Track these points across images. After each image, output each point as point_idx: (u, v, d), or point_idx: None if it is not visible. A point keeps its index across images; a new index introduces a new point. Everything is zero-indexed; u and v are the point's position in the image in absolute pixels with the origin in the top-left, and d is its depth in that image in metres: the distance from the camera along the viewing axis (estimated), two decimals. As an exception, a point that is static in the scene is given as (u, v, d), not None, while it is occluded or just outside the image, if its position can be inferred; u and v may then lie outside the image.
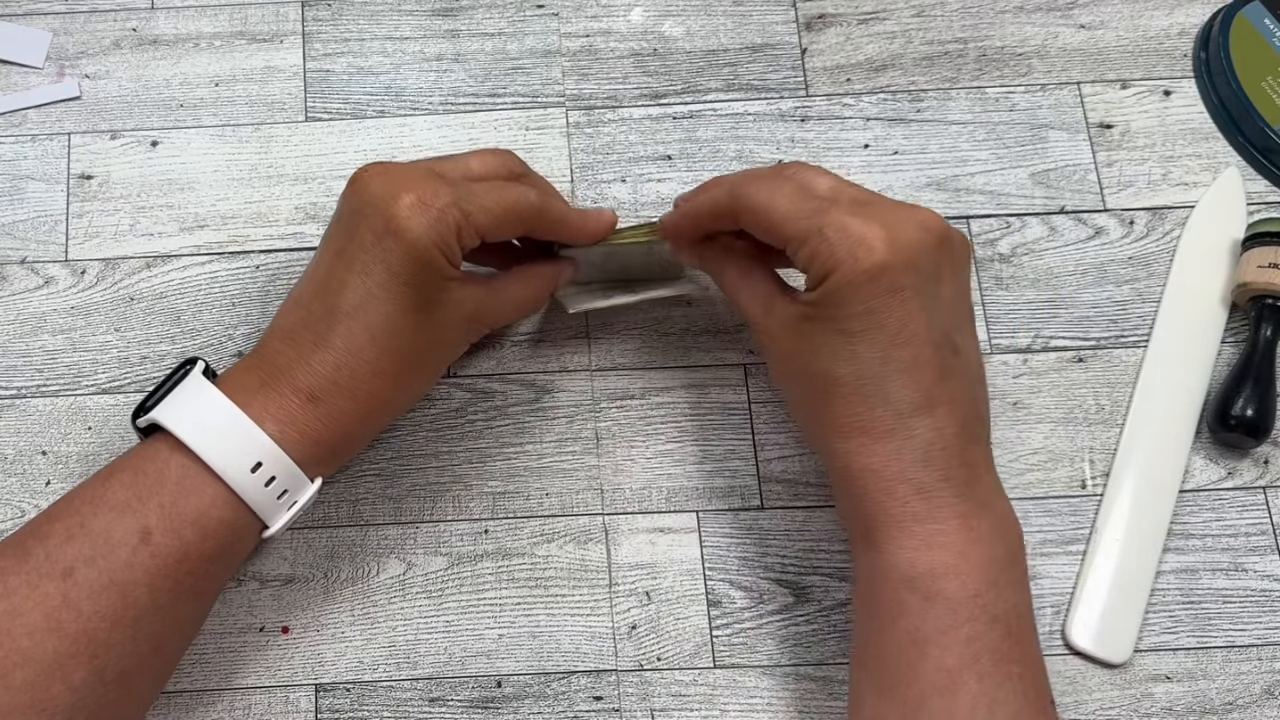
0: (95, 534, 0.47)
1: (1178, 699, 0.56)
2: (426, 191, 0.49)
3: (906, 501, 0.47)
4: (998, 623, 0.46)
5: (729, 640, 0.57)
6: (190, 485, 0.48)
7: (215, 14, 0.68)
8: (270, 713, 0.55)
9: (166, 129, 0.65)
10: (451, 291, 0.51)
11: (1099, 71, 0.67)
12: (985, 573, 0.46)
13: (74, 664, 0.45)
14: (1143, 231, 0.64)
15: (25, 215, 0.63)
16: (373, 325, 0.49)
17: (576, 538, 0.58)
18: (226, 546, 0.49)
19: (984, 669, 0.46)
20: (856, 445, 0.48)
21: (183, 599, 0.48)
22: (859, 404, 0.48)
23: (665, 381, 0.61)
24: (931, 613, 0.46)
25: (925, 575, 0.47)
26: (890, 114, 0.66)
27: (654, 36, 0.68)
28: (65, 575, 0.46)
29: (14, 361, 0.61)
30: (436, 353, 0.53)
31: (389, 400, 0.51)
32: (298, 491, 0.50)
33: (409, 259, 0.49)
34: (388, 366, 0.50)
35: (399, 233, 0.48)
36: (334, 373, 0.49)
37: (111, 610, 0.46)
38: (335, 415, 0.49)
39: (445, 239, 0.49)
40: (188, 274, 0.63)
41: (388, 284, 0.49)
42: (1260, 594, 0.58)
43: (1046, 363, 0.62)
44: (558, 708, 0.55)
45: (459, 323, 0.52)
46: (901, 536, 0.47)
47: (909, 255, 0.46)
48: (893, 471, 0.47)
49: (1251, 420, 0.58)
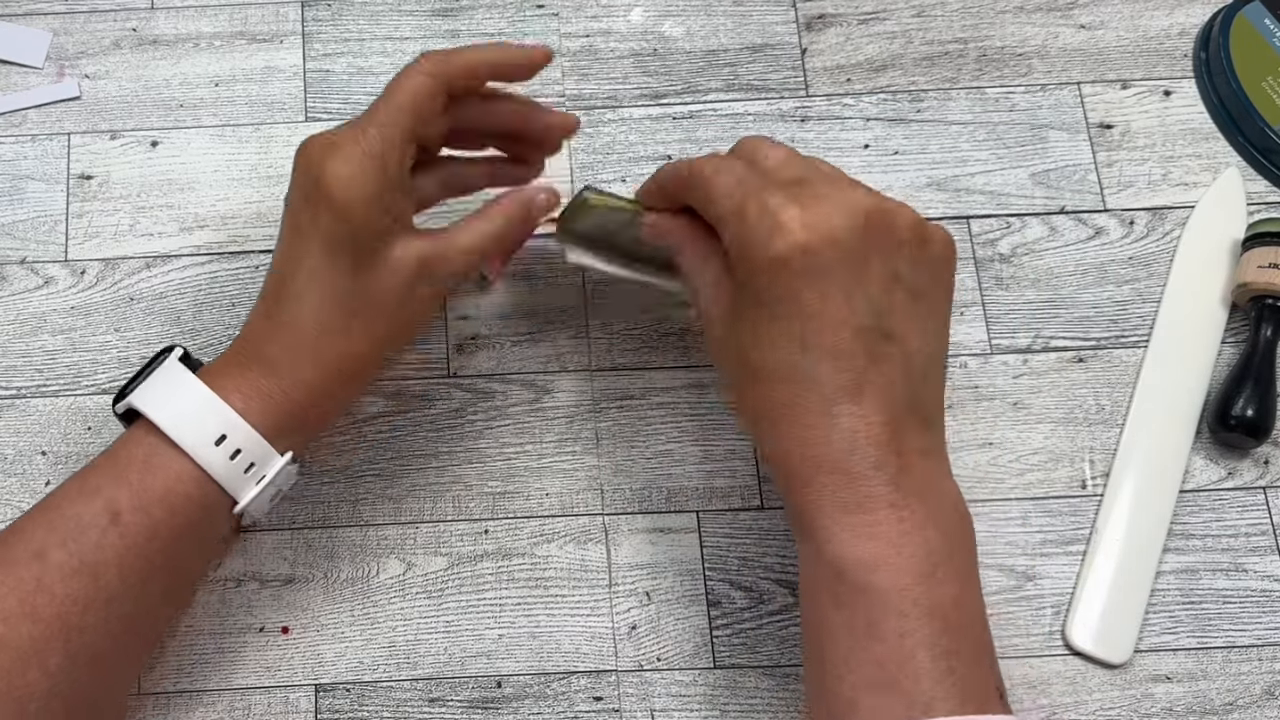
0: (67, 518, 0.47)
1: (1178, 699, 0.56)
2: (348, 148, 0.49)
3: (835, 491, 0.46)
4: (934, 617, 0.44)
5: (729, 640, 0.57)
6: (157, 463, 0.48)
7: (215, 14, 0.68)
8: (270, 713, 0.55)
9: (166, 129, 0.65)
10: (390, 244, 0.50)
11: (1099, 71, 0.67)
12: (919, 565, 0.45)
13: (49, 649, 0.46)
14: (1143, 231, 0.64)
15: (25, 215, 0.63)
16: (313, 285, 0.50)
17: (576, 538, 0.58)
18: (196, 525, 0.49)
19: (920, 666, 0.44)
20: (783, 431, 0.46)
21: (154, 579, 0.48)
22: (783, 389, 0.46)
23: (665, 381, 0.61)
24: (863, 606, 0.45)
25: (855, 567, 0.45)
26: (890, 114, 0.66)
27: (654, 36, 0.68)
28: (38, 558, 0.46)
29: (14, 361, 0.61)
30: (385, 307, 0.51)
31: (343, 360, 0.50)
32: (266, 465, 0.49)
33: (342, 221, 0.49)
34: (332, 323, 0.50)
35: (326, 196, 0.49)
36: (286, 338, 0.50)
37: (84, 593, 0.46)
38: (293, 382, 0.50)
39: (367, 190, 0.49)
40: (188, 274, 0.63)
41: (321, 243, 0.49)
42: (1260, 594, 0.57)
43: (1046, 363, 0.62)
44: (558, 708, 0.55)
45: (404, 273, 0.50)
46: (832, 527, 0.45)
47: (827, 237, 0.45)
48: (819, 459, 0.46)
49: (1251, 420, 0.58)
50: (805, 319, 0.45)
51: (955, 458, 0.59)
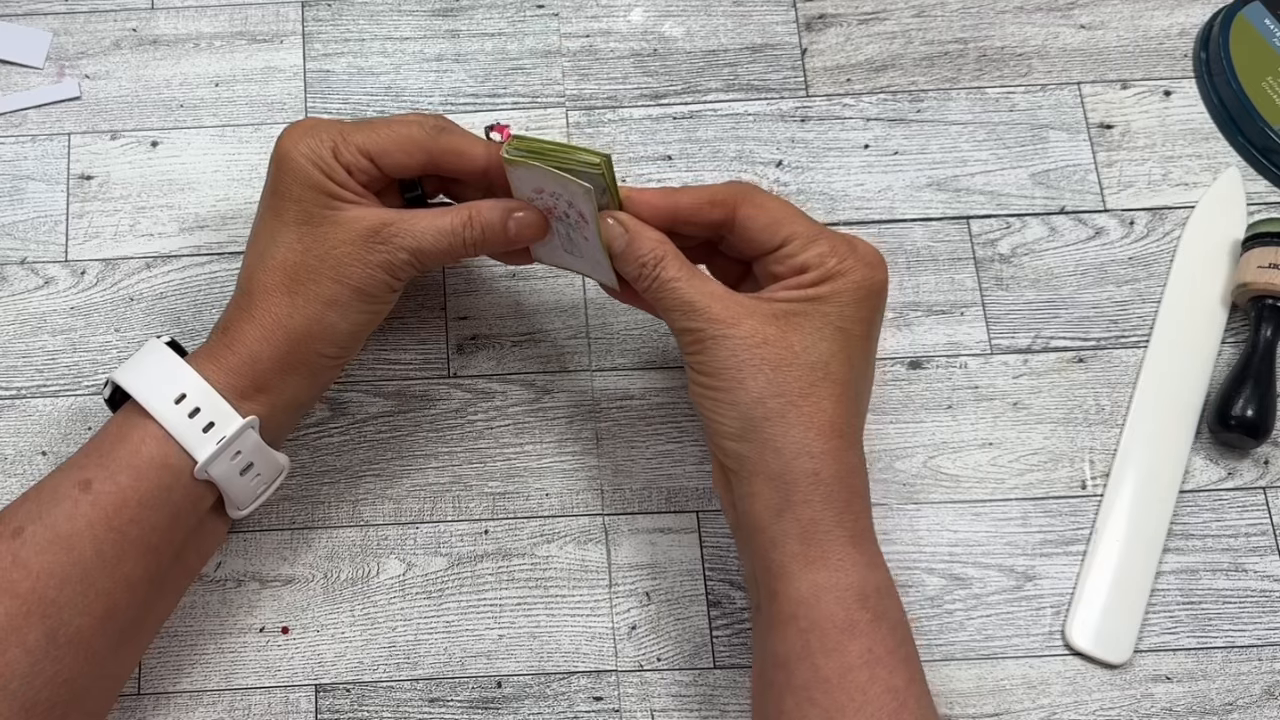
0: (43, 491, 0.49)
1: (1178, 699, 0.56)
2: (309, 122, 0.53)
3: (864, 515, 0.48)
4: (913, 642, 0.48)
5: (729, 640, 0.57)
6: (125, 431, 0.49)
7: (215, 14, 0.68)
8: (270, 713, 0.55)
9: (166, 129, 0.65)
10: (341, 210, 0.51)
11: (1099, 72, 0.67)
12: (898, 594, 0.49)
13: (27, 625, 0.46)
14: (1143, 232, 0.64)
15: (25, 215, 0.63)
16: (262, 245, 0.52)
17: (576, 538, 0.58)
18: (163, 490, 0.49)
19: (920, 689, 0.47)
20: (835, 446, 0.48)
21: (128, 554, 0.48)
22: (845, 404, 0.48)
23: (665, 381, 0.61)
24: (880, 632, 0.46)
25: (874, 594, 0.47)
26: (890, 114, 0.66)
27: (654, 37, 0.68)
28: (15, 535, 0.47)
29: (14, 362, 0.61)
30: (332, 264, 0.51)
31: (285, 320, 0.51)
32: (225, 425, 0.50)
33: (285, 176, 0.51)
34: (275, 282, 0.51)
35: (279, 157, 0.52)
36: (238, 299, 0.52)
37: (59, 566, 0.47)
38: (241, 339, 0.51)
39: (319, 153, 0.51)
40: (188, 274, 0.63)
41: (273, 204, 0.52)
42: (1260, 594, 0.57)
43: (1046, 363, 0.62)
44: (557, 708, 0.55)
45: (353, 238, 0.51)
46: (856, 552, 0.47)
47: (886, 287, 0.51)
48: (856, 485, 0.48)
49: (1251, 420, 0.58)
50: (872, 345, 0.51)
51: (955, 458, 0.60)
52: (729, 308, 0.49)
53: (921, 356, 0.61)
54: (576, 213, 0.51)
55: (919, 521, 0.59)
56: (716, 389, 0.49)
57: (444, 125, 0.53)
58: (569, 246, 0.53)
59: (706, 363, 0.49)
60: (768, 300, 0.50)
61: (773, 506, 0.48)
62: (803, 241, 0.50)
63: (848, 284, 0.49)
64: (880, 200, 0.64)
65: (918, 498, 0.59)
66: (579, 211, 0.51)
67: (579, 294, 0.62)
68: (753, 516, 0.48)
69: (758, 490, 0.48)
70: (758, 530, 0.48)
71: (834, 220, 0.64)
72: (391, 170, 0.52)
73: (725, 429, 0.49)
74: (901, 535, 0.58)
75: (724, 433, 0.49)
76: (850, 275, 0.49)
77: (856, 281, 0.49)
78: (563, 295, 0.62)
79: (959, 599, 0.57)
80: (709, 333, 0.49)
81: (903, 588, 0.57)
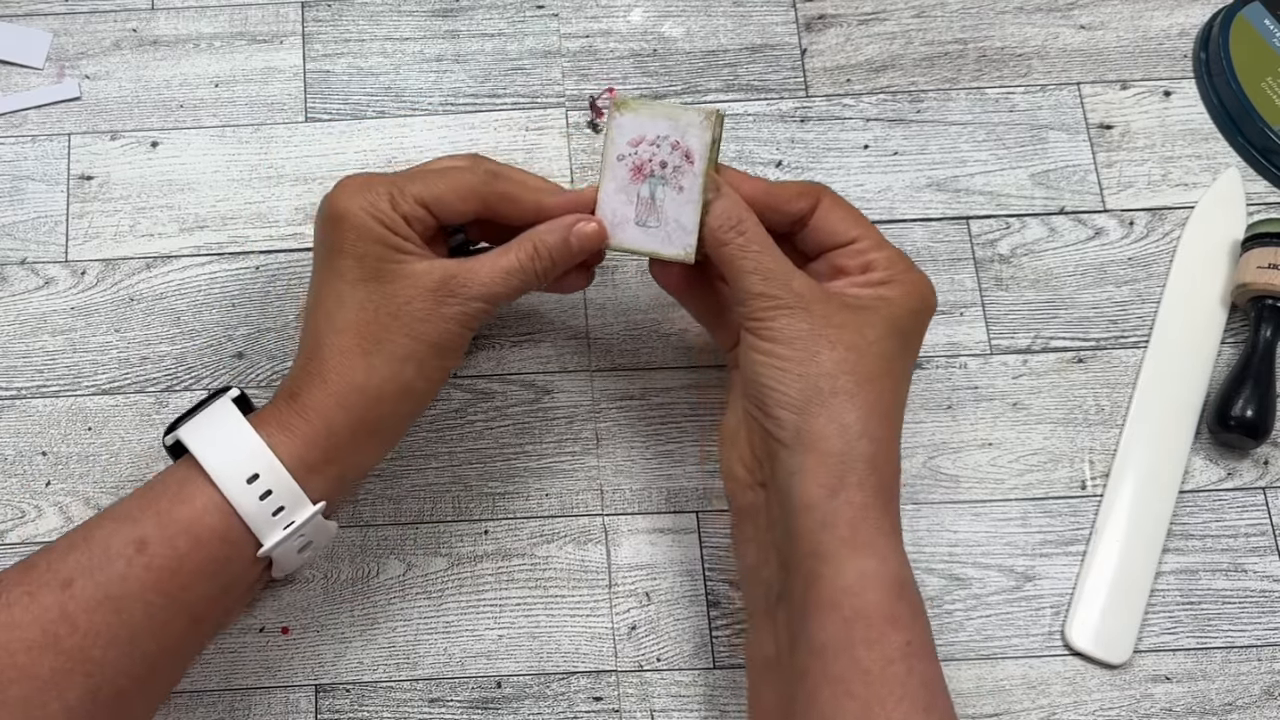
0: (95, 544, 0.47)
1: (1177, 699, 0.56)
2: (361, 178, 0.51)
3: (899, 510, 0.49)
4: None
5: (729, 640, 0.57)
6: (188, 493, 0.48)
7: (215, 14, 0.68)
8: (270, 713, 0.55)
9: (166, 129, 0.65)
10: (407, 264, 0.50)
11: (1099, 72, 0.67)
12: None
13: (69, 682, 0.45)
14: (1143, 232, 0.64)
15: (25, 216, 0.63)
16: (328, 307, 0.50)
17: (576, 538, 0.58)
18: (220, 562, 0.48)
19: (944, 684, 0.46)
20: (891, 436, 0.49)
21: (177, 619, 0.47)
22: (900, 400, 0.50)
23: (665, 381, 0.61)
24: (919, 626, 0.46)
25: (910, 585, 0.47)
26: (890, 114, 0.66)
27: (654, 37, 0.68)
28: (64, 587, 0.46)
29: (14, 362, 0.61)
30: (405, 322, 0.50)
31: (362, 383, 0.49)
32: (295, 511, 0.49)
33: (346, 233, 0.50)
34: (347, 344, 0.49)
35: (336, 215, 0.50)
36: (306, 364, 0.50)
37: (108, 627, 0.46)
38: (312, 407, 0.49)
39: (378, 206, 0.50)
40: (188, 275, 0.63)
41: (334, 263, 0.50)
42: (1260, 594, 0.58)
43: (1046, 363, 0.62)
44: (557, 708, 0.55)
45: (423, 293, 0.50)
46: (897, 543, 0.47)
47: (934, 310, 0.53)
48: (898, 479, 0.49)
49: (1251, 421, 0.58)
50: (915, 357, 0.52)
51: (955, 458, 0.60)
52: (808, 285, 0.50)
53: (921, 357, 0.61)
54: (681, 154, 0.51)
55: (919, 522, 0.59)
56: (785, 358, 0.49)
57: (494, 169, 0.53)
58: (646, 216, 0.53)
59: (779, 331, 0.49)
60: (838, 292, 0.51)
61: (827, 485, 0.47)
62: (873, 243, 0.52)
63: (911, 291, 0.51)
64: (880, 200, 0.64)
65: (918, 498, 0.59)
66: (685, 151, 0.51)
67: (579, 294, 0.62)
68: (801, 495, 0.47)
69: (811, 467, 0.47)
70: (807, 508, 0.47)
71: (834, 220, 0.64)
72: (447, 219, 0.52)
73: (788, 399, 0.48)
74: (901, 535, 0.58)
75: (784, 402, 0.48)
76: (914, 285, 0.51)
77: (921, 293, 0.51)
78: (563, 295, 0.62)
79: (959, 599, 0.57)
80: (787, 301, 0.49)
81: (902, 588, 0.57)
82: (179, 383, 0.60)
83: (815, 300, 0.49)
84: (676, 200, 0.52)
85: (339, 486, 0.51)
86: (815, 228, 0.52)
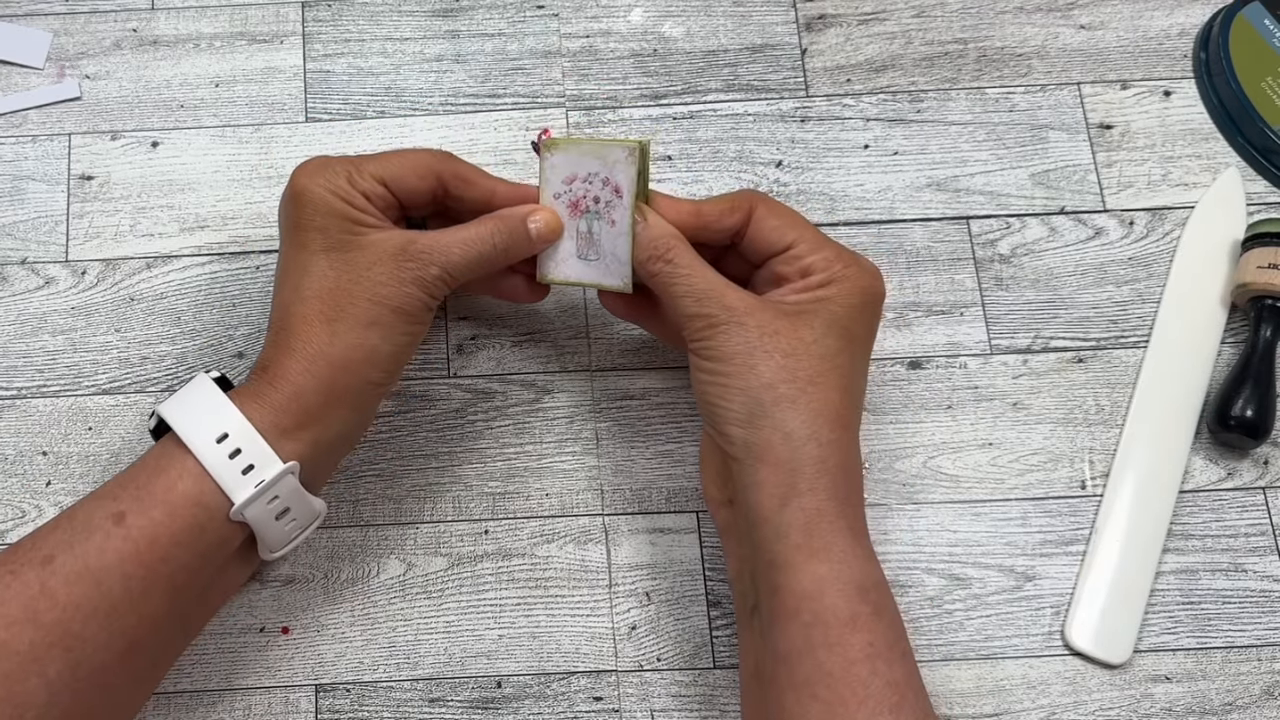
0: (76, 519, 0.48)
1: (1177, 699, 0.56)
2: (320, 159, 0.53)
3: (861, 510, 0.49)
4: (908, 638, 0.48)
5: (729, 640, 0.57)
6: (163, 464, 0.49)
7: (215, 14, 0.68)
8: (270, 713, 0.55)
9: (167, 129, 0.65)
10: (367, 235, 0.51)
11: (1099, 72, 0.67)
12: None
13: (49, 656, 0.45)
14: (1143, 232, 0.64)
15: (26, 216, 0.63)
16: (294, 279, 0.52)
17: (576, 538, 0.58)
18: (196, 528, 0.48)
19: (918, 685, 0.47)
20: (840, 437, 0.49)
21: (155, 591, 0.48)
22: (849, 398, 0.50)
23: (665, 381, 0.61)
24: (881, 626, 0.46)
25: (874, 588, 0.47)
26: (890, 114, 0.66)
27: (654, 37, 0.68)
28: (45, 563, 0.47)
29: (14, 362, 0.61)
30: (366, 287, 0.51)
31: (327, 349, 0.50)
32: (265, 469, 0.49)
33: (306, 208, 0.51)
34: (312, 312, 0.51)
35: (297, 192, 0.52)
36: (274, 337, 0.51)
37: (87, 600, 0.46)
38: (281, 375, 0.50)
39: (335, 184, 0.52)
40: (188, 274, 0.63)
41: (297, 237, 0.52)
42: (1260, 594, 0.58)
43: (1046, 363, 0.62)
44: (557, 708, 0.55)
45: (383, 258, 0.51)
46: (856, 545, 0.48)
47: (883, 299, 0.53)
48: (856, 479, 0.49)
49: (1251, 421, 0.58)
50: (870, 349, 0.53)
51: (955, 458, 0.60)
52: (742, 298, 0.51)
53: (921, 357, 0.61)
54: (611, 189, 0.53)
55: (919, 522, 0.59)
56: (726, 374, 0.50)
57: (451, 154, 0.55)
58: (586, 250, 0.55)
59: (717, 348, 0.50)
60: (776, 301, 0.51)
61: (778, 495, 0.48)
62: (810, 245, 0.52)
63: (852, 288, 0.51)
64: (880, 200, 0.64)
65: (917, 498, 0.59)
66: (614, 186, 0.53)
67: (579, 294, 0.62)
68: (756, 508, 0.48)
69: (763, 479, 0.48)
70: (761, 522, 0.48)
71: (834, 220, 0.64)
72: (405, 195, 0.53)
73: (732, 415, 0.49)
74: (901, 535, 0.58)
75: (730, 419, 0.49)
76: (854, 281, 0.51)
77: (861, 287, 0.51)
78: (563, 295, 0.62)
79: (959, 599, 0.57)
80: (721, 319, 0.50)
81: (903, 588, 0.57)
82: (179, 382, 0.60)
83: (750, 313, 0.50)
84: (610, 234, 0.54)
85: (313, 452, 0.51)
86: (752, 238, 0.53)
